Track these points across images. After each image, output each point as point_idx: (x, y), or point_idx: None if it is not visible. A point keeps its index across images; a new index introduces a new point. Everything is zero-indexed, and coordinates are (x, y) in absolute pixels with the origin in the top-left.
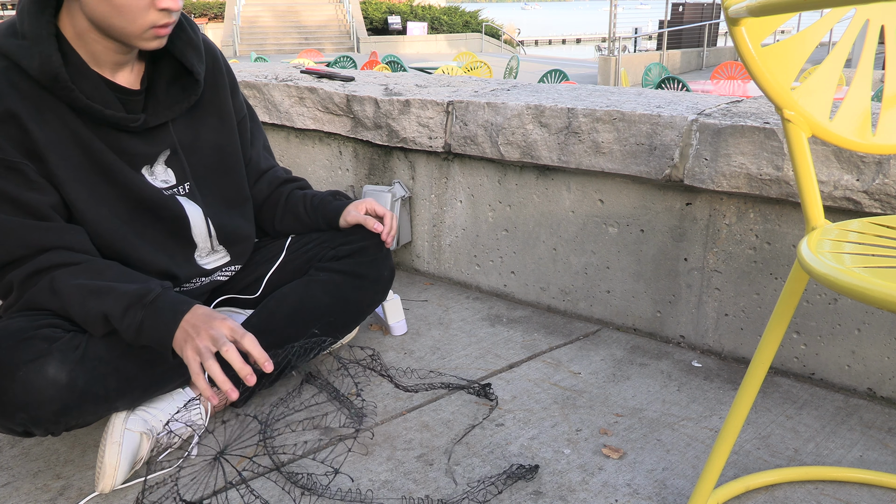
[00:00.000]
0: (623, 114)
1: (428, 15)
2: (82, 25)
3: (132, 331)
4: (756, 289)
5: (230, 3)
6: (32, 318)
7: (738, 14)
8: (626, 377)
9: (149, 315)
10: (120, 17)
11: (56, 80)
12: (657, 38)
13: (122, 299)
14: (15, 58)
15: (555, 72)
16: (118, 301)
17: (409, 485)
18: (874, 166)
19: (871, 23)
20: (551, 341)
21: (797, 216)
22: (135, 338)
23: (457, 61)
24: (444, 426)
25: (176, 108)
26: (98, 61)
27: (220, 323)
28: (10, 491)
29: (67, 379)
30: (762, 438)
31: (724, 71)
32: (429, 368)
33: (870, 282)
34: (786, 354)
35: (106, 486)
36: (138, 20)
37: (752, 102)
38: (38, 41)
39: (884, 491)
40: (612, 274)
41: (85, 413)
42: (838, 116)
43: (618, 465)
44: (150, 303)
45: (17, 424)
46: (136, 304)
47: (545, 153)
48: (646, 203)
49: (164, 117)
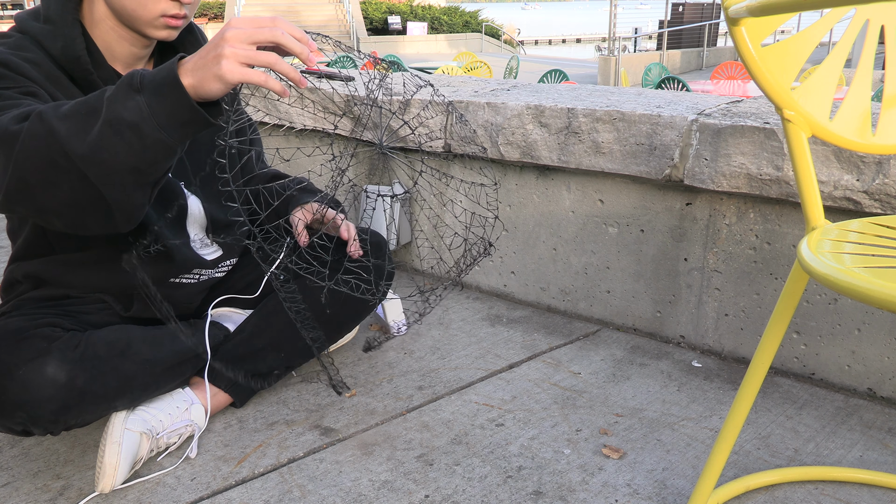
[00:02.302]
0: (623, 114)
1: (428, 15)
2: (100, 12)
3: (145, 113)
4: (756, 289)
5: (230, 3)
6: (32, 318)
7: (738, 14)
8: (626, 377)
9: (147, 86)
10: (133, 0)
11: (78, 62)
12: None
13: (114, 100)
14: (38, 39)
15: (555, 72)
16: (112, 105)
17: (409, 485)
18: (874, 166)
19: (871, 23)
20: (551, 341)
21: (797, 216)
22: (154, 117)
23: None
24: (444, 426)
25: None
26: (113, 55)
27: (229, 27)
28: (10, 491)
29: (66, 378)
30: (762, 438)
31: (724, 71)
32: (429, 368)
33: (870, 282)
34: (786, 354)
35: (106, 486)
36: (150, 6)
37: (752, 102)
38: (63, 25)
39: (884, 491)
40: (612, 274)
41: (84, 412)
42: (838, 116)
43: (618, 465)
44: (140, 82)
45: (17, 423)
46: (129, 92)
47: (545, 153)
48: (646, 203)
49: None
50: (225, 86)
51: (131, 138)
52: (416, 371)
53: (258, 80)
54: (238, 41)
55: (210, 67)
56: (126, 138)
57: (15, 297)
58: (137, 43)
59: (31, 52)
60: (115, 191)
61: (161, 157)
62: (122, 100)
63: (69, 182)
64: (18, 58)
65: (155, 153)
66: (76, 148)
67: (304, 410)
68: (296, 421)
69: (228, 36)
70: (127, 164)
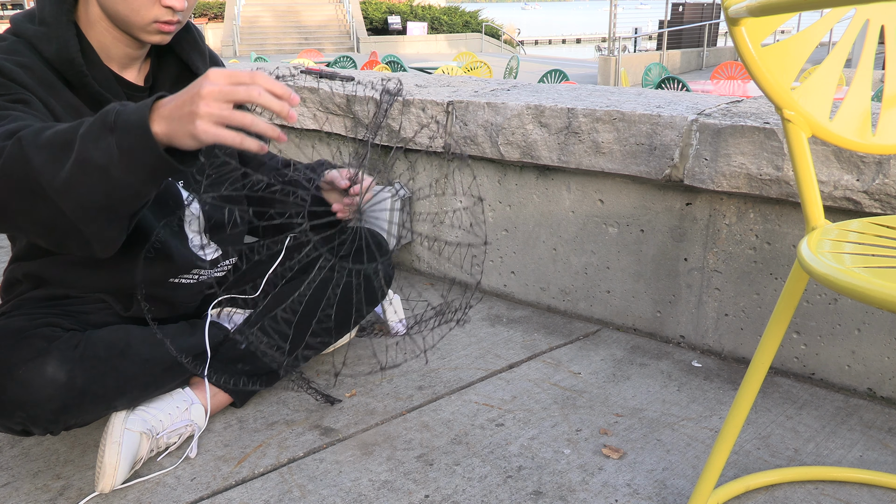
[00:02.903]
0: (623, 114)
1: (428, 15)
2: (95, 13)
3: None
4: (756, 289)
5: (230, 3)
6: (32, 317)
7: (738, 14)
8: (626, 377)
9: (119, 127)
10: (125, 5)
11: (72, 65)
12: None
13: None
14: (33, 42)
15: (555, 72)
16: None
17: (409, 485)
18: (874, 166)
19: (871, 23)
20: (551, 341)
21: (797, 216)
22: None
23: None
24: (444, 426)
25: None
26: (108, 55)
27: (206, 81)
28: (10, 491)
29: (66, 377)
30: (762, 438)
31: (724, 71)
32: (429, 368)
33: (870, 282)
34: (786, 354)
35: (106, 486)
36: (142, 12)
37: (752, 102)
38: (58, 27)
39: (884, 491)
40: (612, 274)
41: (84, 412)
42: (838, 116)
43: (618, 465)
44: (114, 121)
45: (16, 423)
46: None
47: (545, 153)
48: (646, 203)
49: None
50: (198, 144)
51: (100, 180)
52: (416, 371)
53: (232, 141)
54: (214, 100)
55: (185, 124)
56: (95, 179)
57: (15, 297)
58: (132, 44)
59: (24, 57)
60: (89, 224)
61: (130, 198)
62: (93, 139)
63: (46, 210)
64: (11, 62)
65: (124, 195)
66: (50, 181)
67: (304, 410)
68: (296, 421)
69: (205, 93)
70: (97, 203)
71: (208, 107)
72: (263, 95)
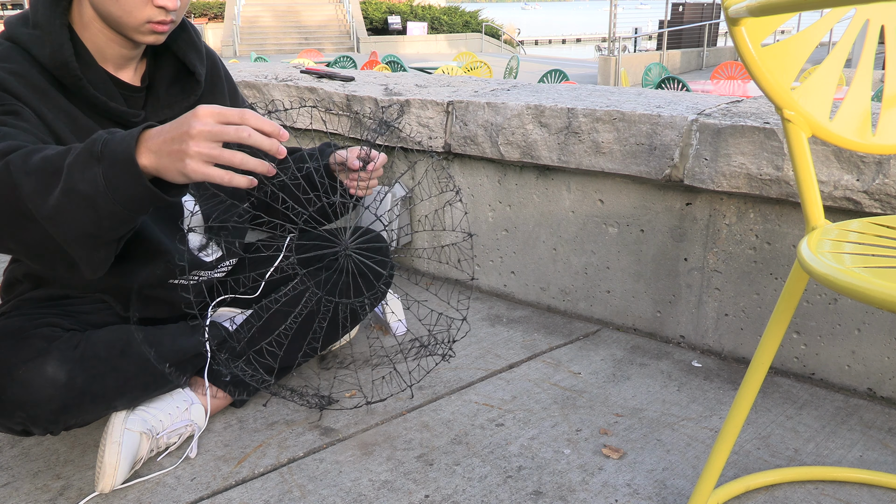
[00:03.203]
0: (623, 114)
1: (428, 15)
2: (88, 15)
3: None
4: (756, 289)
5: (230, 3)
6: (32, 318)
7: (738, 14)
8: (626, 377)
9: (106, 157)
10: (118, 6)
11: (66, 68)
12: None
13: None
14: (26, 45)
15: (555, 72)
16: (70, 173)
17: (409, 485)
18: (874, 166)
19: (871, 23)
20: (551, 341)
21: (797, 216)
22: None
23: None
24: (444, 426)
25: (176, 107)
26: (103, 56)
27: (195, 121)
28: (10, 491)
29: (66, 378)
30: (762, 438)
31: (724, 71)
32: (428, 368)
33: (870, 282)
34: (786, 354)
35: (106, 486)
36: (135, 13)
37: (752, 102)
38: (51, 31)
39: (884, 491)
40: (612, 274)
41: (84, 412)
42: (838, 116)
43: (618, 465)
44: (101, 150)
45: (16, 423)
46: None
47: (545, 153)
48: (646, 203)
49: (163, 115)
50: (187, 181)
51: (87, 209)
52: (415, 371)
53: (221, 179)
54: (204, 139)
55: (174, 161)
56: (82, 208)
57: (15, 297)
58: (127, 45)
59: (16, 64)
60: (77, 249)
61: (118, 226)
62: (80, 168)
63: (34, 233)
64: (4, 71)
65: (111, 223)
66: (38, 208)
67: (304, 410)
68: (296, 421)
69: (194, 133)
70: (85, 231)
71: (198, 146)
72: (253, 136)
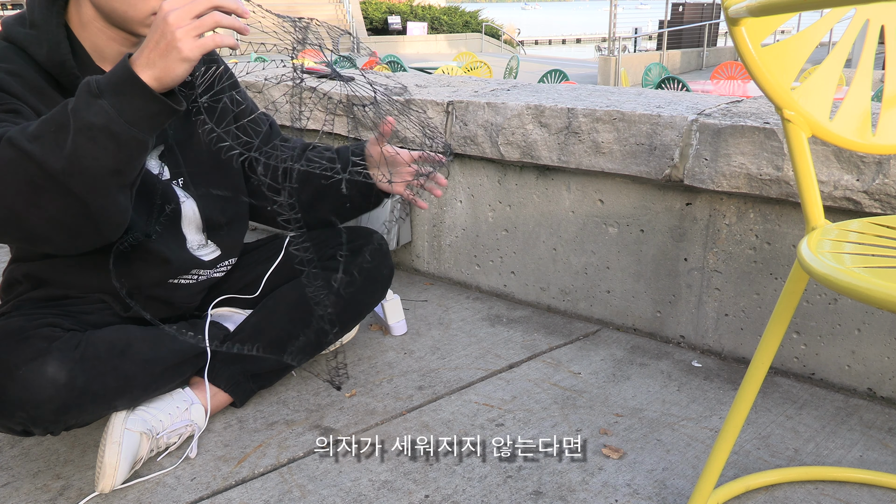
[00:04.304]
0: (623, 114)
1: (428, 15)
2: (88, 14)
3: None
4: (756, 289)
5: None
6: (32, 318)
7: (738, 14)
8: (626, 377)
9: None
10: (122, 1)
11: (63, 67)
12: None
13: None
14: (23, 45)
15: (555, 72)
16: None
17: (409, 485)
18: (874, 166)
19: (871, 23)
20: (551, 341)
21: (797, 216)
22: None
23: (457, 61)
24: (444, 426)
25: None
26: (101, 55)
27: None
28: (10, 491)
29: (66, 378)
30: (762, 438)
31: (724, 71)
32: (429, 368)
33: (870, 282)
34: (786, 354)
35: (106, 486)
36: (139, 6)
37: (752, 102)
38: (48, 30)
39: (884, 491)
40: (612, 274)
41: (84, 412)
42: (838, 116)
43: (618, 465)
44: (97, 88)
45: (17, 423)
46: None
47: (545, 153)
48: (646, 203)
49: None
50: (190, 65)
51: (105, 141)
52: (416, 371)
53: (215, 44)
54: (183, 20)
55: (170, 54)
56: (100, 142)
57: (15, 297)
58: (127, 42)
59: (14, 64)
60: (100, 197)
61: (136, 152)
62: (85, 108)
63: (53, 201)
64: (2, 71)
65: (129, 150)
66: (54, 164)
67: (304, 410)
68: (296, 421)
69: (171, 20)
70: (106, 167)
71: (181, 30)
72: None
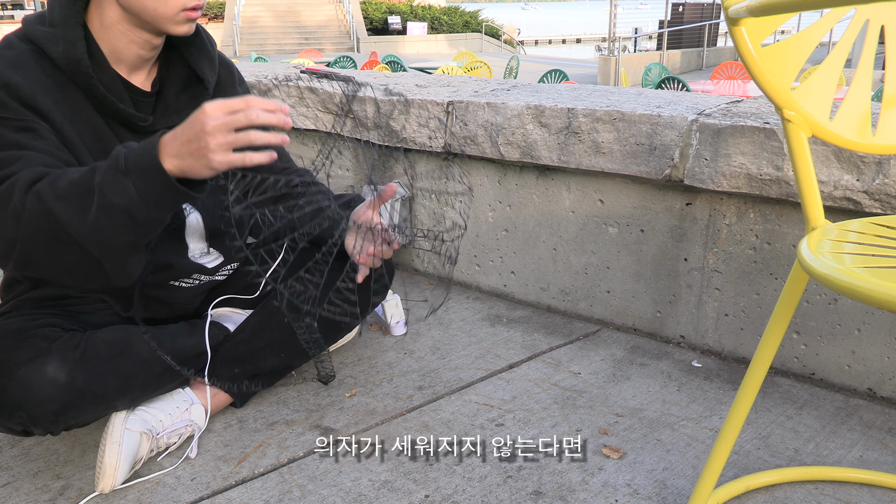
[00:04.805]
0: (623, 114)
1: (428, 15)
2: (112, 16)
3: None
4: (756, 289)
5: (230, 3)
6: (32, 318)
7: (738, 14)
8: (626, 377)
9: (132, 170)
10: None
11: (78, 66)
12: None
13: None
14: (41, 43)
15: (555, 72)
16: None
17: (409, 485)
18: (874, 166)
19: (871, 23)
20: (551, 341)
21: (797, 216)
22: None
23: (457, 61)
24: (444, 426)
25: (183, 114)
26: (118, 58)
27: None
28: (10, 491)
29: (67, 378)
30: (762, 438)
31: (724, 71)
32: (429, 368)
33: (870, 282)
34: (786, 354)
35: (106, 486)
36: (170, 1)
37: (752, 102)
38: (66, 28)
39: (884, 491)
40: (612, 274)
41: (84, 412)
42: (838, 116)
43: (618, 465)
44: (125, 165)
45: (17, 423)
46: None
47: (545, 153)
48: (646, 203)
49: (171, 121)
50: (214, 173)
51: (125, 220)
52: (416, 371)
53: (242, 162)
54: (219, 132)
55: (198, 159)
56: (120, 221)
57: (15, 297)
58: (146, 45)
59: (29, 69)
60: (114, 262)
61: (153, 228)
62: (111, 184)
63: (71, 254)
64: (18, 76)
65: (147, 227)
66: (76, 229)
67: (304, 410)
68: (296, 421)
69: (210, 128)
70: (124, 241)
71: (216, 139)
72: (261, 115)
